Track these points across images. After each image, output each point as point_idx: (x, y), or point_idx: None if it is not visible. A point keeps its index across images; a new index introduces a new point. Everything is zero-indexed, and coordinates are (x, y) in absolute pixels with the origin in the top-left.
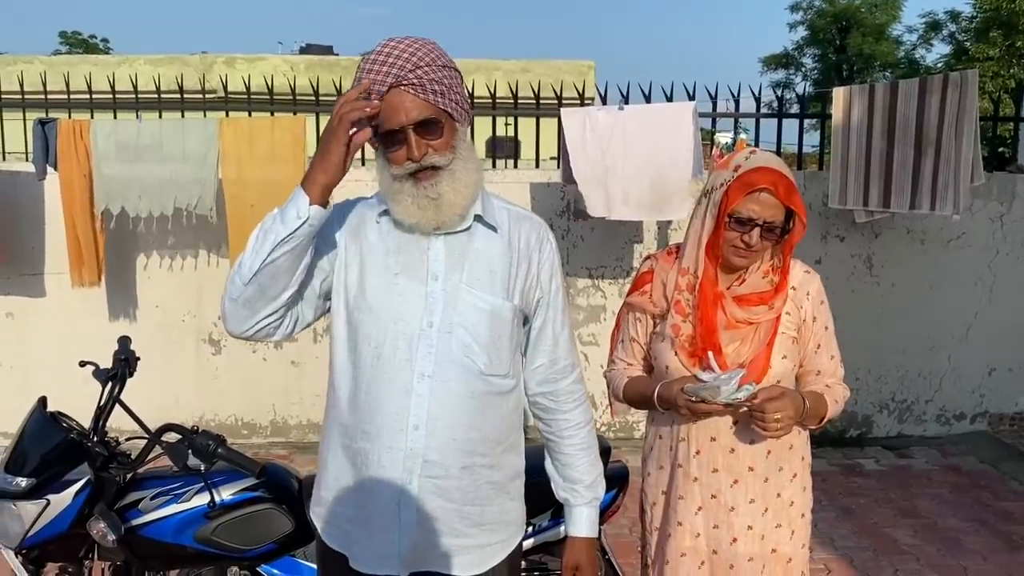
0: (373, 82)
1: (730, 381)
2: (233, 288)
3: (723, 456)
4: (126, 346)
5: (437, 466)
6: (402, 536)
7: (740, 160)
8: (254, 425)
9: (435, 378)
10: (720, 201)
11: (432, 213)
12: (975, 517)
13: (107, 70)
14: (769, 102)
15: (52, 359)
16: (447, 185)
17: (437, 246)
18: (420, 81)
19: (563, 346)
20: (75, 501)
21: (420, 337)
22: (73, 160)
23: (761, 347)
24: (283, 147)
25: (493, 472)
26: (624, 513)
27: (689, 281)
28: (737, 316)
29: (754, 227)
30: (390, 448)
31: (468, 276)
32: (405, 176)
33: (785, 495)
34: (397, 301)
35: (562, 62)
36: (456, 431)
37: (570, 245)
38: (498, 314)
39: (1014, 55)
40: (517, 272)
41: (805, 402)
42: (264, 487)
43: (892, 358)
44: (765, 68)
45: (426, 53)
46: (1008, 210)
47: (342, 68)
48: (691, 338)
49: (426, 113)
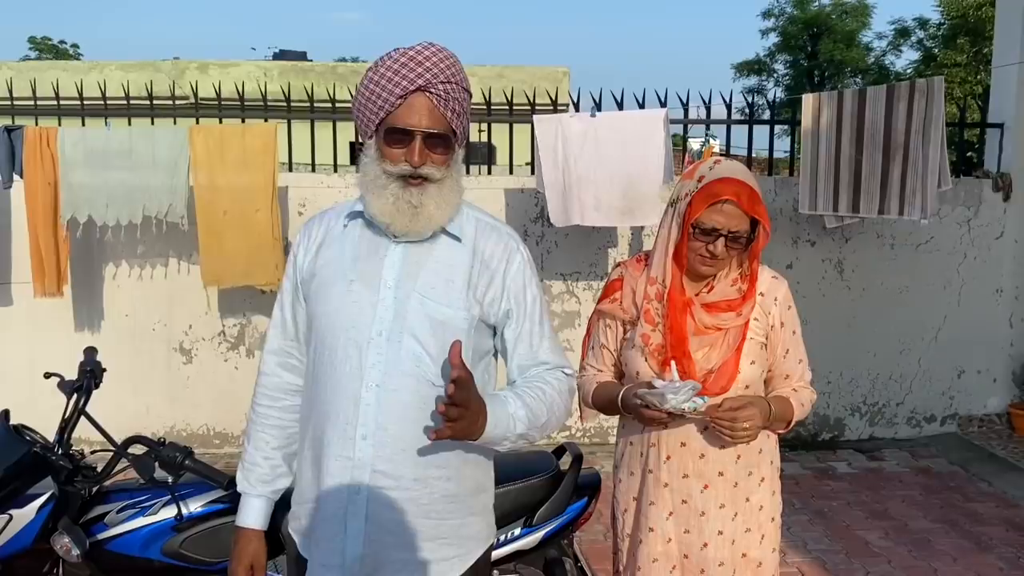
0: (404, 77)
1: (679, 391)
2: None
3: (693, 461)
4: (92, 357)
5: (387, 477)
6: (348, 546)
7: (704, 171)
8: (226, 435)
9: (384, 387)
10: (684, 211)
11: (408, 219)
12: (945, 518)
13: (76, 76)
14: (741, 108)
15: (19, 370)
16: (432, 198)
17: (395, 254)
18: (445, 95)
19: (545, 354)
20: (38, 516)
21: (370, 345)
22: (39, 168)
23: (730, 352)
24: (254, 154)
25: (451, 484)
26: (598, 519)
27: (658, 290)
28: (706, 322)
29: (718, 237)
30: (339, 457)
31: (422, 284)
32: (396, 176)
33: (754, 499)
34: (351, 309)
35: (536, 68)
36: (405, 441)
37: (544, 251)
38: (451, 324)
39: (981, 61)
40: (479, 281)
41: (771, 408)
42: (232, 499)
43: (863, 361)
44: (737, 74)
45: (456, 72)
46: (975, 215)
47: (315, 74)
48: (660, 346)
49: (439, 126)
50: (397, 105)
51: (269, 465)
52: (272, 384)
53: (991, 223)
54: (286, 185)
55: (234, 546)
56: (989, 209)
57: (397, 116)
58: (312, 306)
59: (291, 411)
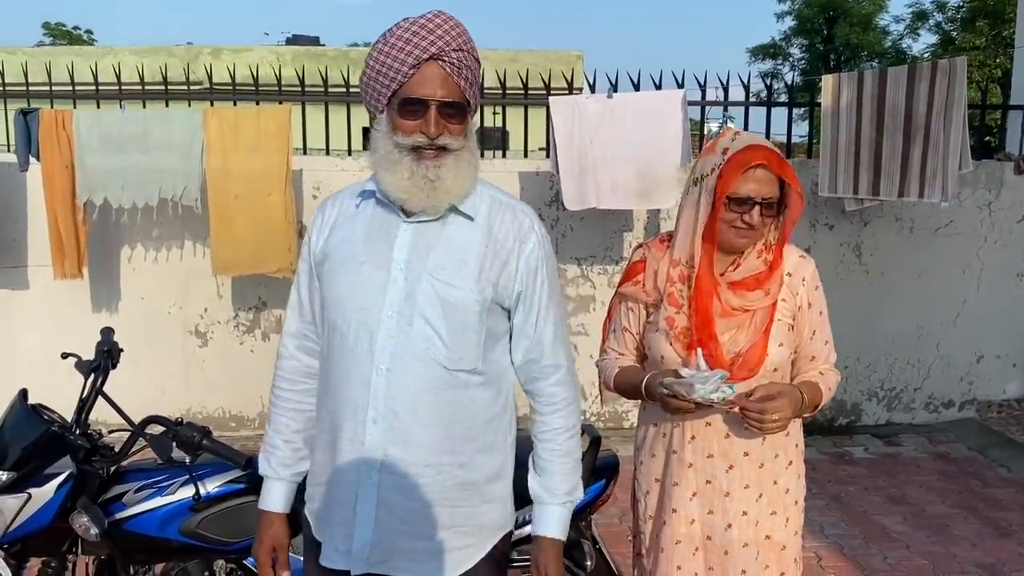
0: (416, 46)
1: (707, 381)
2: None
3: (718, 441)
4: (109, 338)
5: (399, 462)
6: (358, 532)
7: (726, 143)
8: (242, 418)
9: (394, 370)
10: (714, 186)
11: (425, 194)
12: (964, 504)
13: (90, 60)
14: (758, 91)
15: (36, 351)
16: (450, 170)
17: (405, 234)
18: (458, 63)
19: (546, 344)
20: (57, 495)
21: (380, 327)
22: (55, 151)
23: (757, 335)
24: (268, 137)
25: (465, 472)
26: (615, 503)
27: (682, 272)
28: (733, 304)
29: (754, 206)
30: (351, 441)
31: (433, 265)
32: (409, 148)
33: (781, 482)
34: (361, 290)
35: (551, 51)
36: (417, 427)
37: (559, 235)
38: (462, 305)
39: (1000, 44)
40: (492, 263)
41: (803, 396)
42: (250, 479)
43: (881, 346)
44: (753, 58)
45: (467, 40)
46: (996, 198)
47: (328, 58)
48: (686, 329)
49: (454, 95)
50: (410, 76)
51: (290, 448)
52: (291, 367)
53: (1012, 206)
54: (300, 168)
55: (257, 529)
56: (1010, 192)
57: (410, 86)
58: (324, 288)
59: (310, 394)
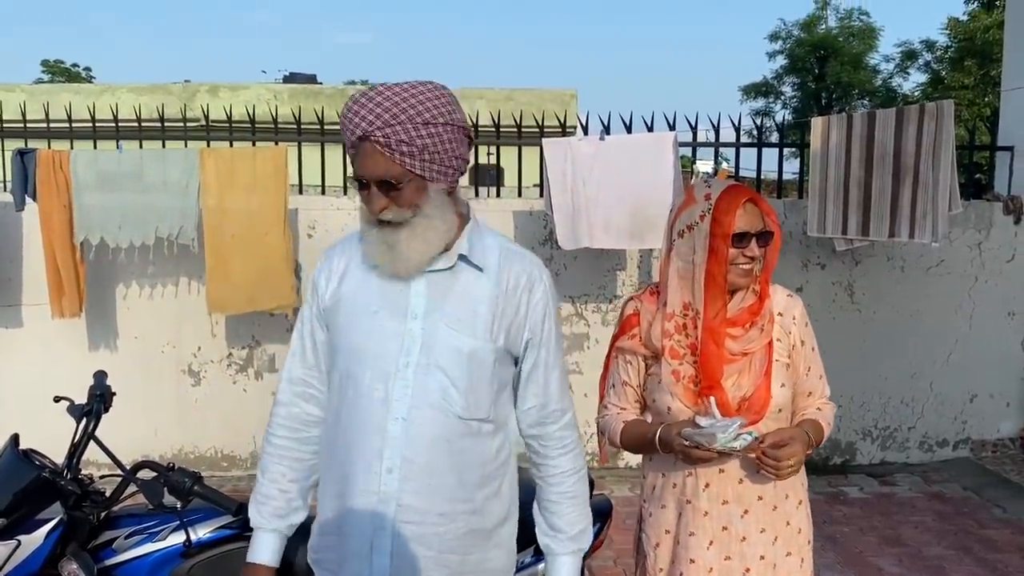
0: (348, 124)
1: (727, 429)
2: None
3: (732, 487)
4: (102, 381)
5: (413, 511)
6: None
7: (704, 189)
8: (234, 457)
9: (410, 420)
10: (708, 229)
11: (389, 259)
12: (959, 545)
13: (88, 99)
14: (749, 131)
15: (29, 390)
16: (403, 241)
17: (420, 284)
18: (387, 140)
19: (554, 389)
20: (47, 541)
21: (396, 376)
22: (53, 191)
23: (759, 378)
24: (265, 177)
25: (476, 518)
26: (609, 545)
27: (677, 323)
28: (732, 349)
29: (751, 239)
30: (364, 491)
31: (448, 316)
32: (375, 220)
33: (793, 523)
34: (376, 339)
35: (545, 90)
36: (432, 476)
37: (553, 273)
38: (477, 356)
39: (988, 83)
40: (503, 312)
41: (810, 436)
42: (242, 525)
43: (874, 385)
44: (745, 97)
45: (409, 107)
46: (986, 237)
47: (325, 97)
48: (694, 377)
49: (389, 173)
50: (354, 155)
51: (285, 499)
52: (290, 415)
53: (1002, 246)
54: (295, 207)
55: None
56: (1000, 232)
57: (356, 162)
58: (336, 337)
59: (310, 443)
